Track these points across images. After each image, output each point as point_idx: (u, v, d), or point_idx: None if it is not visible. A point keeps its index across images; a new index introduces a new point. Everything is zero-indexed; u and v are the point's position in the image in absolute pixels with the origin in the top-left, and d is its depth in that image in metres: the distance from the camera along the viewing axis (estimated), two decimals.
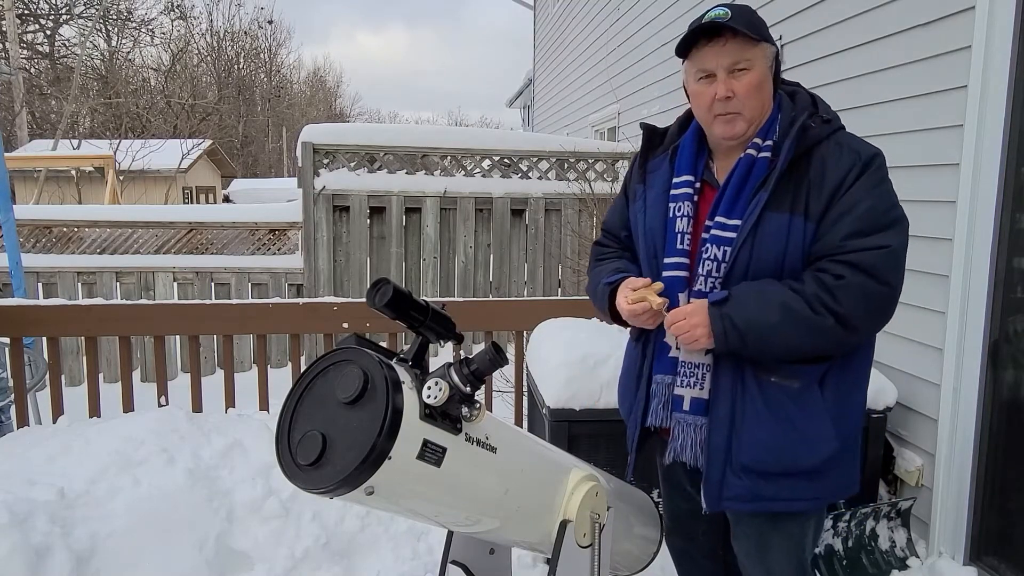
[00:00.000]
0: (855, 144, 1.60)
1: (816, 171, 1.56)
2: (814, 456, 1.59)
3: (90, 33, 23.95)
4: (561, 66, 11.31)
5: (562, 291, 6.93)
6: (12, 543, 2.11)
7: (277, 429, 1.25)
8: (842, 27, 3.47)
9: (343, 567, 2.52)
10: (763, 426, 1.58)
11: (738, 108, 1.58)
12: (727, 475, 1.62)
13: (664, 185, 1.73)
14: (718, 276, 1.60)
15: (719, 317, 1.53)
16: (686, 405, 1.66)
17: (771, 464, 1.59)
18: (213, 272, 6.39)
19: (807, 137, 1.58)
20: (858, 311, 1.52)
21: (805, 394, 1.58)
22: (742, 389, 1.60)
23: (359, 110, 51.13)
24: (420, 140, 6.66)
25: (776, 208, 1.56)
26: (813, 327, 1.51)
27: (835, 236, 1.53)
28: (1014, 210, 2.49)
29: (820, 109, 1.65)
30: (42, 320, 3.29)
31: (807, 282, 1.53)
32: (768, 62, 1.60)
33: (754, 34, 1.55)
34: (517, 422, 3.53)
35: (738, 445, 1.60)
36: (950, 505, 2.67)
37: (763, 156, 1.60)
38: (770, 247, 1.56)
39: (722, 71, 1.57)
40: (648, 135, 1.83)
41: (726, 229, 1.60)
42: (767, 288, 1.55)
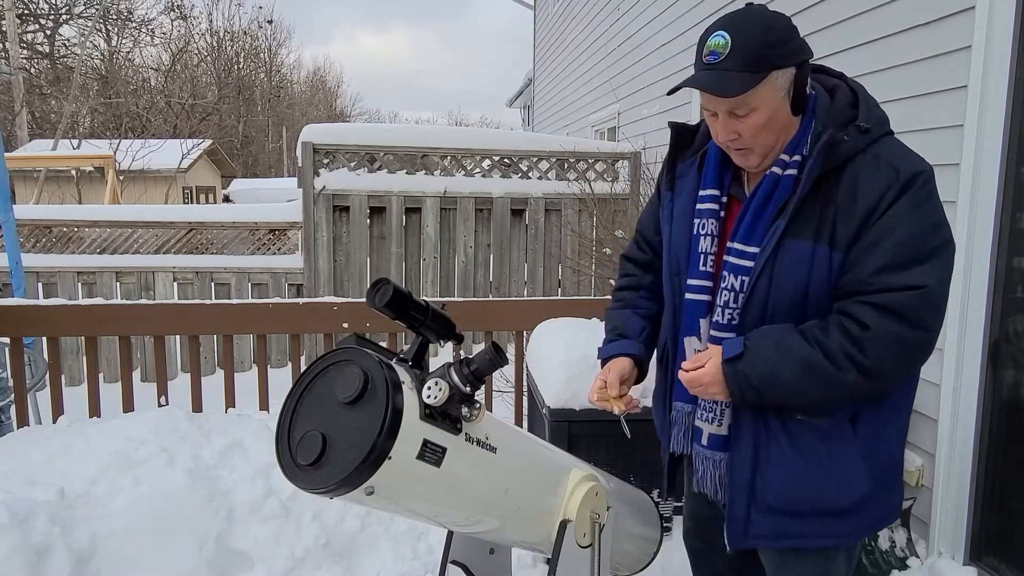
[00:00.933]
0: (895, 158, 1.39)
1: (846, 192, 1.38)
2: (845, 497, 1.48)
3: (90, 33, 23.95)
4: (561, 66, 11.30)
5: (562, 291, 6.93)
6: (12, 543, 2.11)
7: (277, 429, 1.25)
8: (842, 27, 3.47)
9: (343, 567, 2.52)
10: (789, 466, 1.48)
11: (747, 145, 1.45)
12: (752, 514, 1.54)
13: (691, 195, 1.60)
14: (736, 307, 1.48)
15: (733, 376, 1.43)
16: (704, 439, 1.58)
17: (798, 504, 1.49)
18: (213, 272, 6.39)
19: (836, 153, 1.39)
20: (887, 362, 1.37)
21: (835, 432, 1.47)
22: (765, 427, 1.50)
23: (359, 110, 51.21)
24: (420, 140, 6.66)
25: (798, 235, 1.41)
26: (834, 383, 1.38)
27: (863, 271, 1.36)
28: (1014, 210, 2.49)
29: (860, 113, 1.45)
30: (42, 320, 3.29)
31: (831, 331, 1.38)
32: (780, 92, 1.40)
33: (751, 72, 1.36)
34: (517, 422, 3.53)
35: (763, 484, 1.51)
36: (950, 505, 2.67)
37: (788, 174, 1.44)
38: (790, 278, 1.42)
39: (722, 114, 1.44)
40: (677, 135, 1.67)
41: (744, 257, 1.47)
42: (787, 339, 1.41)
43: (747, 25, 1.39)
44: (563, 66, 11.14)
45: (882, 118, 1.47)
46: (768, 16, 1.41)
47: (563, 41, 11.07)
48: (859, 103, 1.47)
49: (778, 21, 1.41)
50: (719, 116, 1.44)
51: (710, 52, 1.40)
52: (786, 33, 1.40)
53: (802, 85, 1.44)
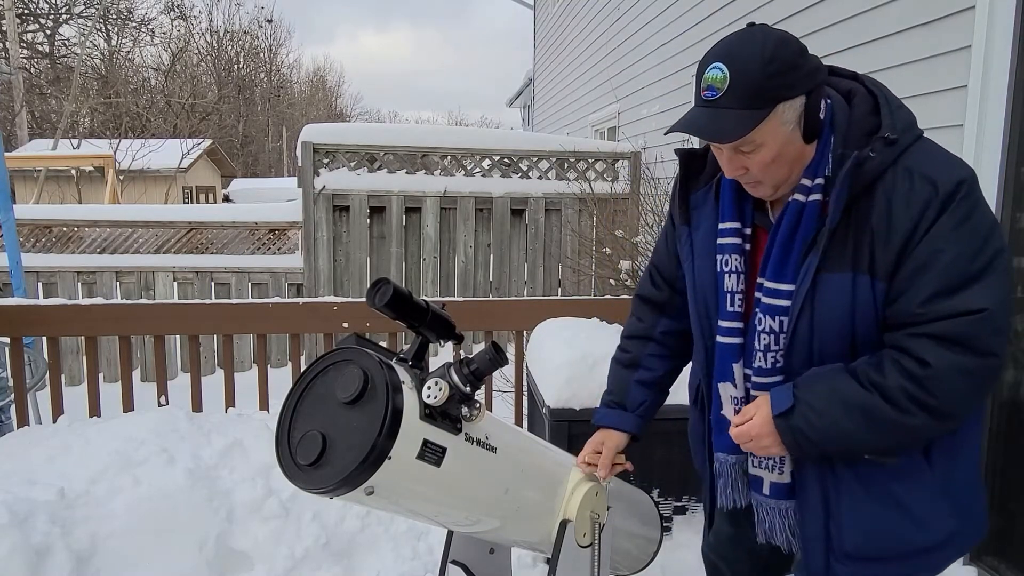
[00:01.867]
0: (929, 169, 1.24)
1: (880, 215, 1.24)
2: (928, 538, 1.35)
3: (90, 33, 23.95)
4: (561, 66, 11.30)
5: (562, 291, 6.93)
6: (12, 543, 2.11)
7: (277, 429, 1.25)
8: (842, 27, 3.47)
9: (343, 567, 2.52)
10: (865, 511, 1.35)
11: (757, 179, 1.33)
12: (831, 563, 1.41)
13: (711, 227, 1.46)
14: (778, 349, 1.35)
15: (788, 431, 1.31)
16: (766, 489, 1.46)
17: (879, 550, 1.37)
18: (213, 272, 6.39)
19: (863, 172, 1.25)
20: (956, 399, 1.24)
21: (908, 468, 1.34)
22: (832, 471, 1.37)
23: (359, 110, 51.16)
24: (420, 140, 6.66)
25: (834, 268, 1.28)
26: (899, 429, 1.25)
27: (911, 301, 1.23)
28: (1014, 210, 2.49)
29: (884, 120, 1.29)
30: (42, 320, 3.29)
31: (887, 372, 1.24)
32: (789, 125, 1.27)
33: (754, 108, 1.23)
34: (517, 422, 3.52)
35: (838, 532, 1.38)
36: None
37: (813, 200, 1.30)
38: (833, 314, 1.29)
39: (726, 150, 1.31)
40: (686, 163, 1.53)
41: (778, 296, 1.34)
42: (839, 385, 1.28)
43: (747, 55, 1.24)
44: (563, 66, 11.14)
45: (909, 121, 1.31)
46: (771, 42, 1.24)
47: (563, 41, 11.07)
48: (881, 109, 1.32)
49: (783, 48, 1.24)
50: (724, 154, 1.33)
51: (707, 87, 1.26)
52: (792, 60, 1.25)
53: (815, 112, 1.29)
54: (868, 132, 1.30)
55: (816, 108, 1.29)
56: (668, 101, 6.21)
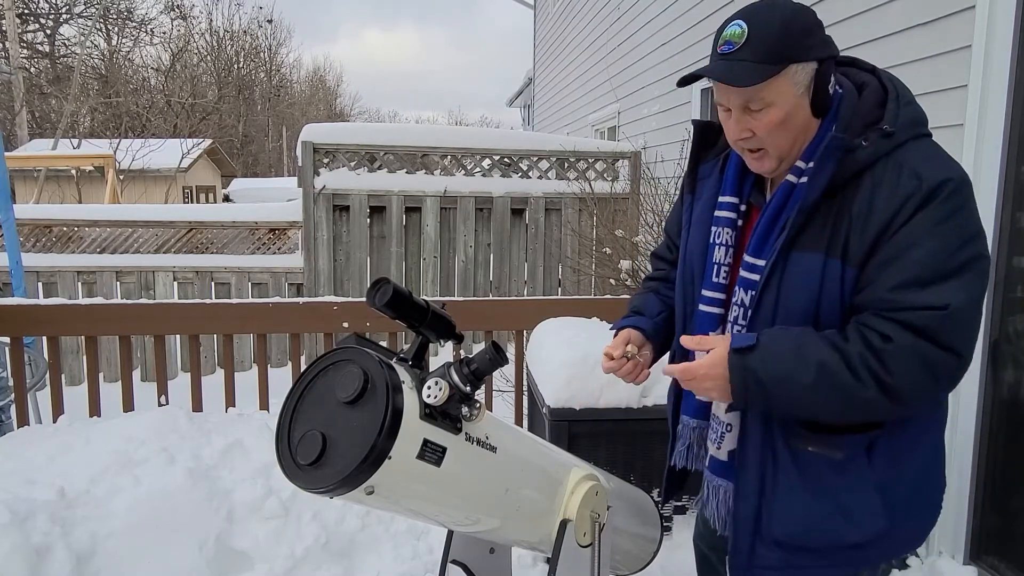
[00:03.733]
0: (920, 165, 1.26)
1: (862, 202, 1.26)
2: (857, 533, 1.36)
3: (90, 33, 23.96)
4: (561, 66, 11.31)
5: (562, 291, 6.93)
6: (12, 543, 2.11)
7: (277, 429, 1.25)
8: (842, 27, 3.47)
9: (343, 567, 2.52)
10: (797, 499, 1.37)
11: (761, 145, 1.35)
12: (756, 547, 1.44)
13: (710, 200, 1.51)
14: (744, 324, 1.39)
15: (740, 369, 1.29)
16: (706, 460, 1.52)
17: (806, 540, 1.39)
18: (213, 272, 6.39)
19: (852, 159, 1.27)
20: (910, 382, 1.24)
21: (849, 464, 1.35)
22: (773, 457, 1.39)
23: (359, 109, 51.18)
24: (420, 139, 6.66)
25: (808, 247, 1.29)
26: (851, 395, 1.25)
27: (879, 287, 1.24)
28: (1014, 210, 2.49)
29: (887, 114, 1.32)
30: (42, 320, 3.29)
31: (851, 339, 1.25)
32: (799, 88, 1.30)
33: (768, 64, 1.26)
34: (517, 422, 3.53)
35: (769, 517, 1.41)
36: (950, 505, 2.67)
37: (803, 182, 1.33)
38: (799, 294, 1.31)
39: (736, 109, 1.34)
40: (700, 134, 1.57)
41: (753, 270, 1.38)
42: (805, 341, 1.28)
43: (767, 15, 1.30)
44: (563, 66, 11.14)
45: (914, 119, 1.33)
46: (791, 7, 1.31)
47: (563, 41, 11.07)
48: (888, 102, 1.34)
49: (801, 14, 1.31)
50: (732, 112, 1.35)
51: (725, 42, 1.30)
52: (808, 26, 1.30)
53: (824, 84, 1.32)
54: (869, 123, 1.32)
55: (825, 81, 1.32)
56: (668, 101, 6.21)
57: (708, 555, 1.90)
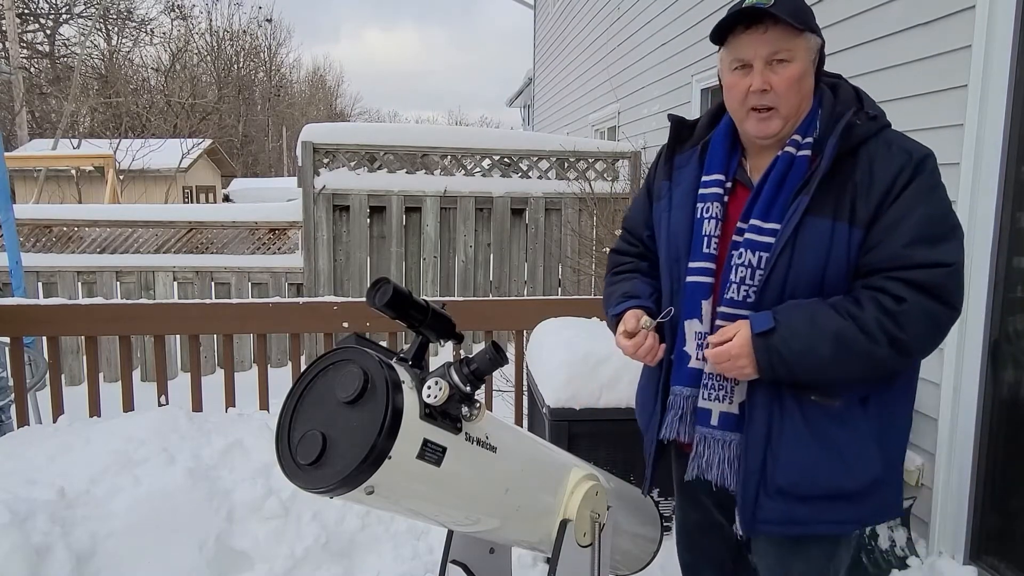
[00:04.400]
0: (905, 143, 1.47)
1: (863, 172, 1.43)
2: (856, 480, 1.47)
3: (90, 33, 23.97)
4: (561, 66, 11.31)
5: (562, 291, 6.93)
6: (12, 543, 2.11)
7: (277, 428, 1.25)
8: (842, 26, 3.47)
9: (343, 567, 2.52)
10: (803, 447, 1.47)
11: (774, 102, 1.47)
12: (760, 497, 1.51)
13: (692, 183, 1.61)
14: (753, 284, 1.47)
15: (765, 350, 1.41)
16: (714, 420, 1.54)
17: (809, 487, 1.48)
18: (213, 272, 6.39)
19: (852, 135, 1.45)
20: (920, 337, 1.40)
21: (846, 414, 1.47)
22: (780, 407, 1.48)
23: (359, 109, 51.15)
24: (420, 139, 6.66)
25: (818, 212, 1.43)
26: (867, 357, 1.39)
27: (894, 245, 1.39)
28: (1014, 210, 2.49)
29: (865, 104, 1.52)
30: (42, 320, 3.29)
31: (865, 305, 1.39)
32: (812, 55, 1.48)
33: (799, 22, 1.42)
34: (517, 422, 3.53)
35: (774, 466, 1.49)
36: (950, 504, 2.67)
37: (803, 154, 1.48)
38: (811, 255, 1.43)
39: (760, 61, 1.46)
40: (676, 128, 1.71)
41: (762, 233, 1.47)
42: (819, 314, 1.41)
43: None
44: (563, 66, 11.14)
45: (883, 111, 1.53)
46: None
47: (563, 41, 11.07)
48: (861, 96, 1.54)
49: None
50: (755, 65, 1.46)
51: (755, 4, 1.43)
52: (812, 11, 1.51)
53: (822, 63, 1.53)
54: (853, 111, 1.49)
55: (822, 63, 1.53)
56: (668, 101, 6.21)
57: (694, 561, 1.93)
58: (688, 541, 1.92)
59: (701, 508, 1.80)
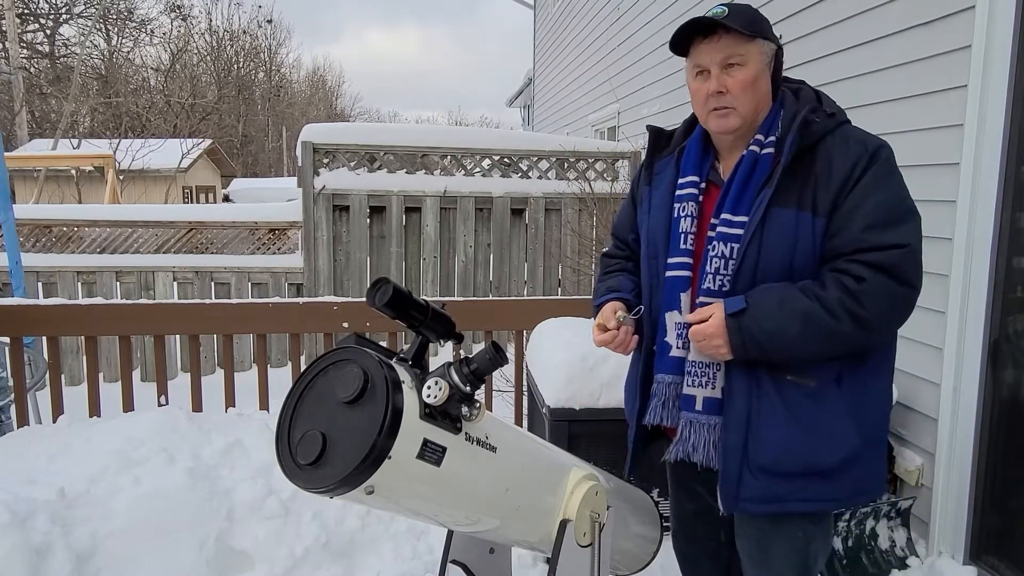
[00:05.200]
0: (861, 136, 1.58)
1: (822, 165, 1.54)
2: (833, 455, 1.55)
3: (90, 33, 23.97)
4: (561, 66, 11.31)
5: (562, 291, 6.92)
6: (12, 543, 2.11)
7: (277, 428, 1.25)
8: (842, 27, 3.47)
9: (343, 566, 2.52)
10: (781, 425, 1.56)
11: (731, 103, 1.59)
12: (744, 475, 1.59)
13: (669, 187, 1.73)
14: (727, 273, 1.58)
15: (737, 330, 1.51)
16: (698, 405, 1.63)
17: (789, 464, 1.56)
18: (213, 272, 6.39)
19: (811, 131, 1.56)
20: (880, 314, 1.50)
21: (821, 392, 1.56)
22: (758, 388, 1.58)
23: (359, 110, 51.07)
24: (420, 140, 6.66)
25: (782, 204, 1.54)
26: (832, 334, 1.49)
27: (852, 230, 1.50)
28: (1014, 210, 2.49)
29: (824, 104, 1.64)
30: (42, 320, 3.29)
31: (828, 285, 1.50)
32: (765, 59, 1.61)
33: (748, 30, 1.55)
34: (517, 422, 3.53)
35: (755, 444, 1.57)
36: (950, 504, 2.67)
37: (766, 152, 1.59)
38: (778, 243, 1.54)
39: (715, 67, 1.58)
40: (654, 137, 1.84)
41: (732, 226, 1.58)
42: (787, 296, 1.52)
43: (742, 4, 1.64)
44: (563, 66, 11.14)
45: (842, 110, 1.65)
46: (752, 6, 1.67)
47: (563, 41, 11.07)
48: (821, 98, 1.66)
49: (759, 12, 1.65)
50: (711, 70, 1.59)
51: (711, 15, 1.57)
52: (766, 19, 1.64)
53: (779, 65, 1.65)
54: (813, 109, 1.61)
55: (780, 63, 1.65)
56: (668, 101, 6.21)
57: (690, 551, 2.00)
58: (684, 531, 1.98)
59: (695, 497, 1.86)
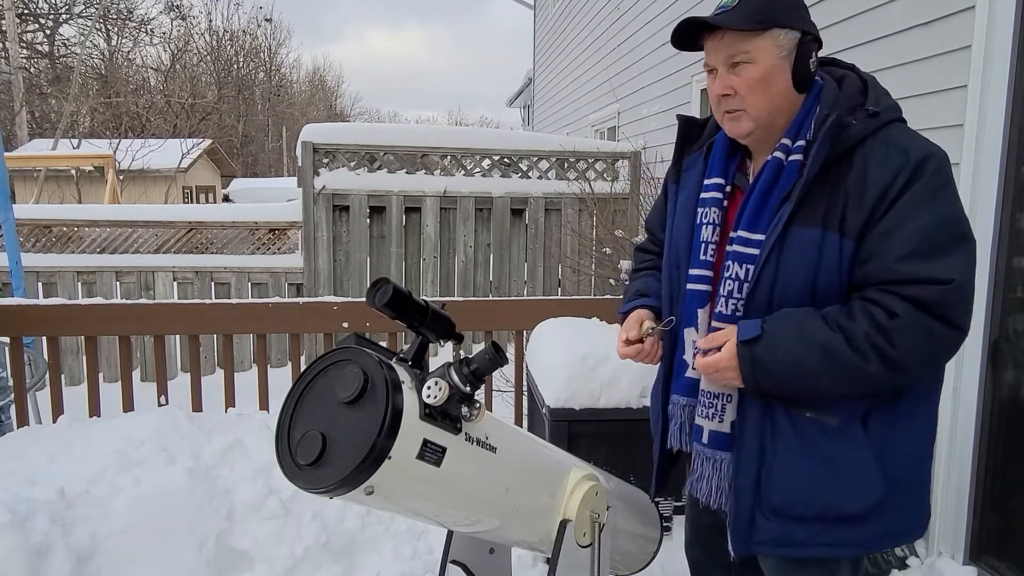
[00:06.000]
0: (904, 142, 1.34)
1: (856, 176, 1.32)
2: (856, 501, 1.38)
3: (90, 33, 23.95)
4: (561, 66, 11.30)
5: (562, 291, 6.92)
6: (12, 543, 2.11)
7: (277, 429, 1.25)
8: (842, 27, 3.47)
9: (343, 566, 2.52)
10: (796, 465, 1.40)
11: (739, 105, 1.42)
12: (756, 517, 1.45)
13: (696, 187, 1.56)
14: (740, 297, 1.42)
15: (749, 360, 1.35)
16: (705, 438, 1.50)
17: (804, 508, 1.41)
18: (213, 272, 6.39)
19: (844, 136, 1.34)
20: (914, 355, 1.30)
21: (845, 431, 1.38)
22: (772, 424, 1.42)
23: (359, 110, 51.09)
24: (420, 140, 6.66)
25: (806, 222, 1.34)
26: (855, 371, 1.30)
27: (885, 259, 1.29)
28: (1014, 210, 2.49)
29: (869, 99, 1.41)
30: (42, 320, 3.29)
31: (856, 318, 1.30)
32: (782, 52, 1.39)
33: (754, 22, 1.36)
34: (517, 422, 3.52)
35: (768, 485, 1.43)
36: (950, 505, 2.67)
37: (793, 159, 1.39)
38: (797, 267, 1.35)
39: (721, 66, 1.42)
40: (684, 128, 1.65)
41: (749, 245, 1.41)
42: (807, 325, 1.33)
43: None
44: (563, 66, 11.14)
45: (892, 104, 1.42)
46: None
47: (563, 41, 11.06)
48: (868, 91, 1.43)
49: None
50: (718, 71, 1.43)
51: (719, 7, 1.42)
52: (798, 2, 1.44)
53: (806, 55, 1.41)
54: (853, 107, 1.40)
55: (807, 53, 1.41)
56: (668, 101, 6.21)
57: (704, 560, 1.89)
58: (699, 541, 1.88)
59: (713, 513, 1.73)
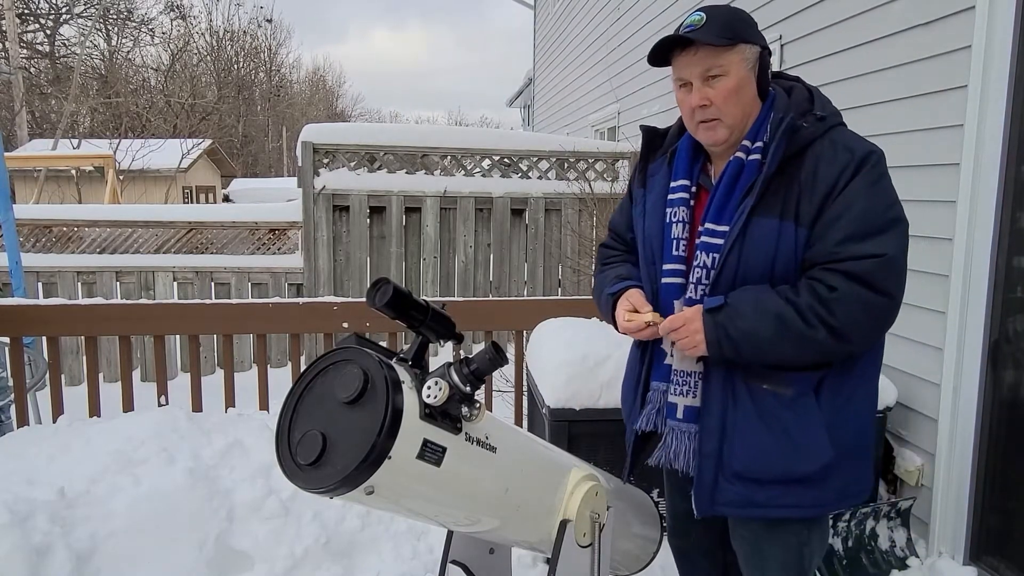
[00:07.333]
0: (850, 142, 1.55)
1: (808, 173, 1.52)
2: (807, 464, 1.56)
3: (90, 33, 23.96)
4: (561, 66, 11.30)
5: (562, 291, 6.93)
6: (12, 543, 2.11)
7: (277, 429, 1.25)
8: (842, 27, 3.47)
9: (343, 566, 2.52)
10: (755, 434, 1.57)
11: (716, 115, 1.57)
12: (719, 480, 1.62)
13: (662, 190, 1.72)
14: (707, 283, 1.58)
15: (713, 326, 1.52)
16: (679, 413, 1.65)
17: (763, 472, 1.58)
18: (213, 272, 6.40)
19: (797, 137, 1.53)
20: (853, 323, 1.48)
21: (799, 401, 1.56)
22: (733, 397, 1.59)
23: (360, 110, 51.05)
24: (420, 140, 6.66)
25: (765, 213, 1.52)
26: (805, 339, 1.48)
27: (828, 242, 1.49)
28: (1014, 210, 2.49)
29: (816, 105, 1.61)
30: (42, 320, 3.29)
31: (801, 292, 1.50)
32: (748, 64, 1.57)
33: (725, 39, 1.52)
34: (517, 422, 3.52)
35: (730, 452, 1.59)
36: (950, 505, 2.67)
37: (752, 158, 1.57)
38: (759, 254, 1.53)
39: (696, 79, 1.57)
40: (648, 137, 1.81)
41: (715, 235, 1.57)
42: (763, 297, 1.51)
43: (718, 7, 1.60)
44: (563, 66, 11.14)
45: (835, 111, 1.62)
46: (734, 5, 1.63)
47: (563, 41, 11.07)
48: (815, 99, 1.63)
49: (742, 11, 1.63)
50: (693, 84, 1.57)
51: (687, 25, 1.56)
52: (750, 20, 1.61)
53: (765, 67, 1.61)
54: (803, 112, 1.59)
55: (766, 66, 1.61)
56: (668, 101, 6.21)
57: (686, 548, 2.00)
58: (678, 528, 1.99)
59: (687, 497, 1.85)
